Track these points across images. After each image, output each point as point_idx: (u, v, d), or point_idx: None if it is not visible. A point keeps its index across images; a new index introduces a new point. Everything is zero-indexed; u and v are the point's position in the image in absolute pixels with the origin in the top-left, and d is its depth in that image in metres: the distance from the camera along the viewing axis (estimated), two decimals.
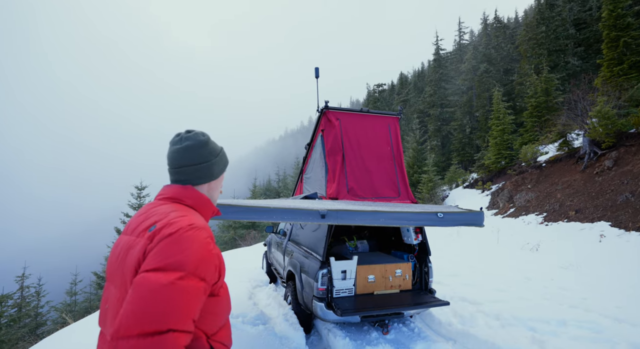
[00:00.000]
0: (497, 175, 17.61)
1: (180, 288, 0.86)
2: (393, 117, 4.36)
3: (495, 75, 26.92)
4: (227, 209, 2.07)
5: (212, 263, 0.97)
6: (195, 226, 0.97)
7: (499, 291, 5.01)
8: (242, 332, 3.43)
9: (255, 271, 6.89)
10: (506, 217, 12.60)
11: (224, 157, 1.25)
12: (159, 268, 0.87)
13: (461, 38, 40.14)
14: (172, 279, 0.86)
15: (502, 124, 18.72)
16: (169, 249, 0.90)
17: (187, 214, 1.03)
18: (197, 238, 0.94)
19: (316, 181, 4.47)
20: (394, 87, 49.75)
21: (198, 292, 0.90)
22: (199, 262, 0.92)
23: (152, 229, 0.96)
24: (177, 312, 0.84)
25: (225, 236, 18.82)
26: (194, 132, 1.19)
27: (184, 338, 0.85)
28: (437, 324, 3.91)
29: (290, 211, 2.23)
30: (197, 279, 0.91)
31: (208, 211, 1.17)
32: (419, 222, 2.51)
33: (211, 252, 0.97)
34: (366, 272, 3.74)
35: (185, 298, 0.87)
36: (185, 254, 0.90)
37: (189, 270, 0.89)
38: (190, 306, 0.88)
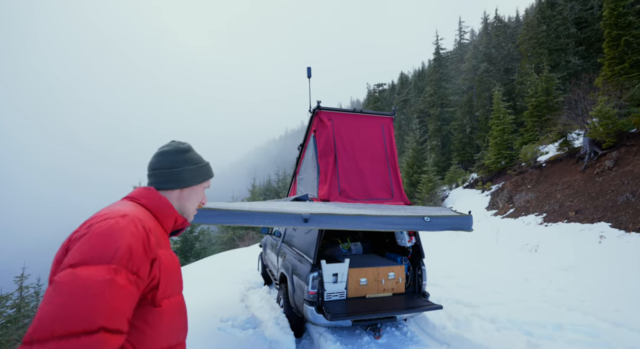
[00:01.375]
0: (497, 175, 17.52)
1: (110, 281, 0.76)
2: (387, 117, 4.29)
3: (495, 75, 26.80)
4: (208, 212, 2.01)
5: (148, 254, 0.87)
6: (128, 217, 0.87)
7: (496, 293, 4.94)
8: (230, 336, 3.36)
9: (250, 273, 6.84)
10: (506, 217, 12.51)
11: (202, 169, 1.19)
12: (83, 260, 0.77)
13: (461, 37, 40.01)
14: (101, 271, 0.76)
15: (502, 124, 18.61)
16: (96, 240, 0.80)
17: (127, 208, 0.95)
18: (130, 228, 0.85)
19: (308, 182, 4.41)
20: (394, 87, 49.64)
21: (130, 287, 0.80)
22: (130, 252, 0.81)
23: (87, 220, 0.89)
24: (108, 308, 0.74)
25: (224, 237, 18.78)
26: (177, 141, 1.20)
27: (116, 340, 0.75)
28: (431, 328, 3.85)
29: (272, 215, 2.17)
30: (128, 272, 0.80)
31: (167, 217, 1.07)
32: (405, 227, 2.44)
33: (144, 242, 0.86)
34: (358, 275, 3.67)
35: (117, 293, 0.76)
36: (114, 244, 0.80)
37: (119, 262, 0.79)
38: (122, 303, 0.77)
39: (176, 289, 1.02)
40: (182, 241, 15.57)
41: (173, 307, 0.97)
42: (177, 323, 1.00)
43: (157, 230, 0.99)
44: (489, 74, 26.89)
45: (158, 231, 1.00)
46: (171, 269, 0.99)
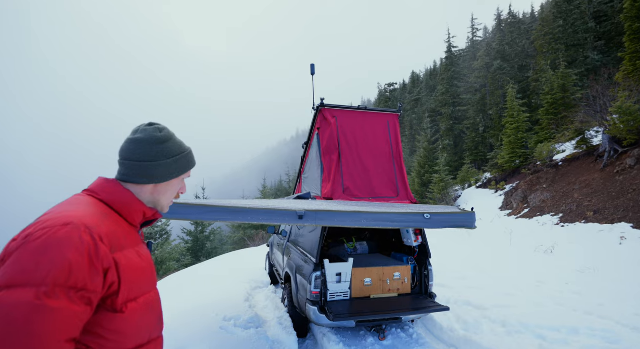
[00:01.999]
0: (511, 175, 17.06)
1: (43, 308, 0.68)
2: (392, 114, 4.20)
3: (509, 72, 26.16)
4: (203, 209, 1.99)
5: (96, 266, 0.77)
6: (71, 225, 0.77)
7: (508, 295, 4.76)
8: (232, 336, 3.34)
9: (258, 273, 6.83)
10: (520, 217, 12.15)
11: (181, 161, 1.06)
12: (13, 284, 0.68)
13: (474, 35, 39.24)
14: (31, 297, 0.68)
15: (516, 122, 18.12)
16: (29, 258, 0.70)
17: (77, 209, 0.85)
18: (72, 239, 0.75)
19: (313, 180, 4.36)
20: (405, 86, 49.13)
21: (70, 306, 0.72)
22: (70, 268, 0.73)
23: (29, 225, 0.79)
24: (37, 340, 0.67)
25: (235, 236, 18.94)
26: (154, 126, 1.04)
27: None
28: (439, 330, 3.73)
29: (266, 212, 2.13)
30: (68, 290, 0.72)
31: (133, 212, 0.98)
32: (404, 224, 2.36)
33: (90, 256, 0.77)
34: (362, 275, 3.60)
35: (51, 320, 0.69)
36: (48, 262, 0.71)
37: (52, 282, 0.70)
38: (58, 329, 0.70)
39: (145, 288, 0.95)
40: (193, 241, 15.76)
41: (141, 308, 0.91)
42: (147, 321, 0.94)
43: (117, 231, 0.90)
44: (502, 71, 26.26)
45: (119, 230, 0.91)
46: (136, 270, 0.91)
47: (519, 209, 12.94)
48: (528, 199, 13.23)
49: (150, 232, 13.33)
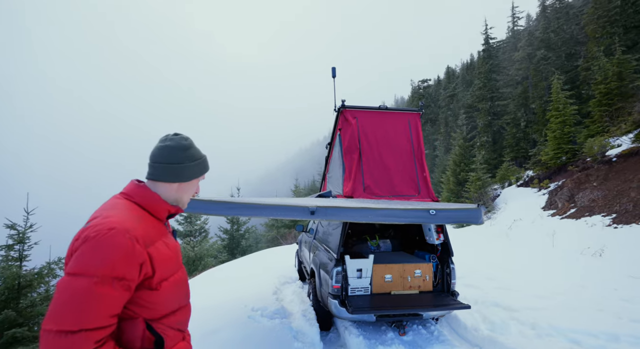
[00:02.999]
0: (556, 172, 15.86)
1: (94, 293, 0.94)
2: (414, 113, 4.21)
3: (554, 62, 24.25)
4: (223, 205, 2.21)
5: (133, 264, 1.02)
6: (115, 230, 1.01)
7: (541, 298, 4.54)
8: (258, 324, 3.58)
9: (287, 269, 7.10)
10: (565, 218, 11.30)
11: (201, 164, 1.30)
12: (76, 273, 0.96)
13: (515, 24, 36.88)
14: (87, 284, 0.94)
15: (562, 116, 16.80)
16: (86, 255, 0.97)
17: (119, 214, 1.09)
18: (114, 242, 0.99)
19: (335, 179, 4.49)
20: (440, 82, 47.40)
21: (112, 292, 0.98)
22: (113, 265, 0.97)
23: (87, 225, 1.04)
24: (88, 313, 0.93)
25: (268, 235, 19.57)
26: (180, 136, 1.28)
27: (96, 334, 0.94)
28: (463, 329, 3.69)
29: (281, 208, 2.30)
30: (112, 281, 0.97)
31: (159, 209, 1.21)
32: (409, 219, 2.41)
33: (129, 255, 1.01)
34: (383, 271, 3.66)
35: (97, 300, 0.95)
36: (98, 259, 0.97)
37: (101, 274, 0.96)
38: (102, 307, 0.96)
39: (173, 270, 1.19)
40: (229, 239, 16.57)
41: (171, 285, 1.16)
42: (176, 294, 1.20)
43: (148, 228, 1.13)
44: (546, 61, 24.41)
45: (150, 228, 1.14)
46: (165, 257, 1.15)
47: (565, 209, 12.02)
48: (575, 198, 12.24)
49: (191, 230, 14.26)
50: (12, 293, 8.09)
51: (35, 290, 8.65)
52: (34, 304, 8.19)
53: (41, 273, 8.68)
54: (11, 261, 8.42)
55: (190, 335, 1.33)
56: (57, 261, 8.97)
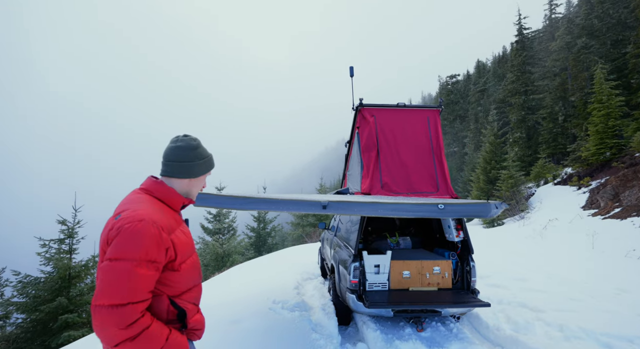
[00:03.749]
0: (599, 169, 14.78)
1: (133, 273, 1.14)
2: (433, 110, 4.17)
3: (598, 51, 22.52)
4: (240, 200, 2.36)
5: (161, 249, 1.22)
6: (144, 221, 1.19)
7: (573, 301, 4.33)
8: (279, 316, 3.74)
9: (310, 266, 7.25)
10: (608, 218, 10.52)
11: (208, 162, 1.48)
12: (117, 258, 1.15)
13: (552, 12, 34.67)
14: (128, 267, 1.14)
15: (606, 108, 15.62)
16: (122, 243, 1.16)
17: (143, 207, 1.26)
18: (145, 232, 1.18)
19: (354, 177, 4.56)
20: (469, 76, 45.59)
21: (148, 272, 1.18)
22: (146, 250, 1.17)
23: (117, 218, 1.22)
24: (132, 289, 1.14)
25: (294, 233, 19.90)
26: (189, 137, 1.46)
27: (140, 306, 1.16)
28: (485, 328, 3.62)
29: (295, 202, 2.41)
30: (146, 263, 1.17)
31: (175, 202, 1.41)
32: (418, 213, 2.42)
33: (158, 241, 1.20)
34: (401, 267, 3.68)
35: (138, 279, 1.15)
36: (134, 246, 1.16)
37: (138, 258, 1.16)
38: (142, 284, 1.16)
39: (189, 253, 1.39)
40: (256, 237, 17.08)
41: (188, 266, 1.37)
42: (192, 274, 1.40)
43: (169, 219, 1.32)
44: (588, 50, 22.73)
45: (170, 218, 1.33)
46: (184, 243, 1.35)
47: (608, 209, 11.19)
48: (620, 197, 11.35)
49: (219, 228, 14.86)
50: (64, 283, 8.93)
51: (83, 281, 9.48)
52: (82, 293, 8.98)
53: (87, 265, 9.50)
54: (62, 254, 9.30)
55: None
56: None
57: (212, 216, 15.12)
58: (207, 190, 2.10)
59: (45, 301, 8.47)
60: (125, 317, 1.11)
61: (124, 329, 1.11)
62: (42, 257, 9.07)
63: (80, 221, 9.83)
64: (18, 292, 8.69)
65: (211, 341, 2.95)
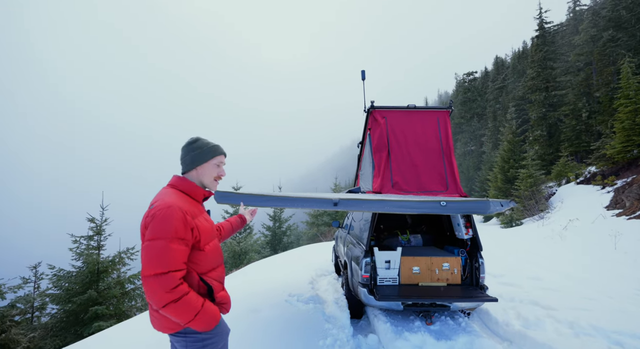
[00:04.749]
0: (625, 167, 14.23)
1: (168, 248, 1.42)
2: (443, 111, 4.27)
3: (625, 44, 21.58)
4: (257, 198, 2.57)
5: (187, 228, 1.49)
6: (172, 207, 1.48)
7: (588, 300, 4.31)
8: (294, 307, 3.95)
9: (325, 263, 7.44)
10: (633, 218, 10.17)
11: (206, 151, 1.71)
12: (154, 238, 1.43)
13: (576, 4, 33.41)
14: (164, 243, 1.42)
15: (633, 104, 15.00)
16: (156, 226, 1.44)
17: (171, 198, 1.54)
18: (175, 214, 1.46)
19: (366, 177, 4.71)
20: (487, 74, 44.47)
21: (180, 247, 1.46)
22: (176, 230, 1.45)
23: (151, 208, 1.50)
24: (170, 260, 1.42)
25: (309, 232, 20.16)
26: (190, 138, 1.77)
27: (179, 274, 1.44)
28: (494, 324, 3.70)
29: (307, 200, 2.60)
30: (177, 240, 1.45)
31: (197, 193, 1.69)
32: (421, 210, 2.55)
33: (184, 222, 1.48)
34: (411, 263, 3.82)
35: (172, 252, 1.43)
36: (166, 227, 1.44)
37: (170, 236, 1.43)
38: (177, 256, 1.44)
39: (212, 237, 1.67)
40: (272, 235, 17.44)
41: (211, 248, 1.65)
42: (215, 255, 1.68)
43: (191, 206, 1.58)
44: (615, 43, 21.82)
45: (192, 206, 1.59)
46: (206, 228, 1.63)
47: (633, 209, 10.80)
48: None
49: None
50: (93, 277, 9.52)
51: (110, 276, 10.05)
52: (109, 287, 9.53)
53: (114, 261, 10.06)
54: (91, 250, 9.90)
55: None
56: (126, 251, 10.34)
57: (229, 215, 15.58)
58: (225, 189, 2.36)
59: (77, 293, 9.06)
60: (168, 282, 1.38)
61: (168, 292, 1.38)
62: (73, 252, 9.69)
63: (107, 219, 10.41)
64: (53, 284, 9.33)
65: (236, 326, 3.23)
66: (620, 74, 16.92)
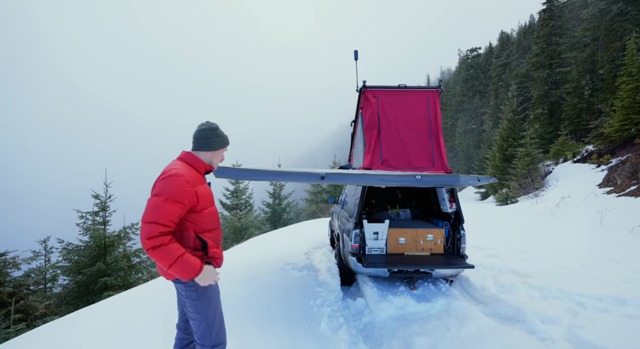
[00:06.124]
0: (621, 146, 14.35)
1: (162, 204, 1.71)
2: (432, 91, 4.40)
3: (635, 18, 20.91)
4: (251, 172, 2.77)
5: (187, 194, 1.76)
6: (177, 174, 1.77)
7: (562, 268, 4.64)
8: (289, 274, 4.29)
9: (321, 237, 7.81)
10: (623, 196, 10.44)
11: (224, 140, 2.02)
12: (155, 194, 1.74)
13: None
14: (159, 200, 1.72)
15: (635, 81, 14.83)
16: (161, 185, 1.75)
17: (179, 167, 1.84)
18: (176, 180, 1.75)
19: (358, 154, 4.91)
20: (492, 50, 43.31)
21: (172, 207, 1.72)
22: (171, 192, 1.73)
23: (161, 173, 1.82)
24: (157, 214, 1.69)
25: (308, 209, 20.63)
26: (210, 122, 2.03)
27: (159, 227, 1.68)
28: (473, 289, 4.04)
29: (298, 174, 2.81)
30: (171, 201, 1.72)
31: (199, 166, 1.96)
32: (399, 183, 2.77)
33: (184, 188, 1.75)
34: (398, 235, 4.10)
35: (162, 210, 1.70)
36: (165, 189, 1.73)
37: (168, 196, 1.72)
38: (165, 213, 1.70)
39: (209, 204, 1.94)
40: (272, 212, 17.89)
41: (209, 212, 1.93)
42: (212, 219, 1.96)
43: (194, 176, 1.85)
44: (623, 17, 21.15)
45: (195, 176, 1.87)
46: (205, 195, 1.90)
47: (624, 186, 11.04)
48: (639, 175, 11.14)
49: (237, 204, 15.67)
50: (101, 250, 9.97)
51: (116, 249, 10.51)
52: (116, 260, 10.00)
53: (120, 236, 10.48)
54: (98, 225, 10.30)
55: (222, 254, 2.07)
56: (130, 226, 10.75)
57: (230, 193, 15.92)
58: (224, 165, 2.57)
59: (86, 265, 9.54)
60: (150, 231, 1.66)
61: (148, 239, 1.66)
62: (80, 227, 10.09)
63: (111, 195, 10.73)
64: (63, 257, 9.80)
65: (238, 290, 3.60)
66: (626, 50, 16.58)
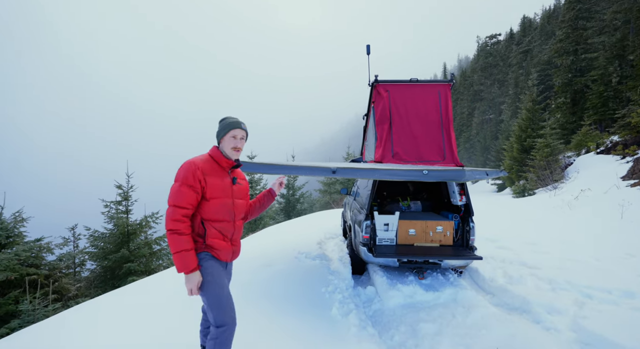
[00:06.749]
0: None
1: (179, 189, 1.94)
2: (444, 84, 4.40)
3: None
4: (266, 166, 2.93)
5: (195, 178, 1.95)
6: (190, 161, 2.00)
7: (573, 261, 4.64)
8: (302, 262, 4.50)
9: (334, 228, 7.98)
10: None
11: (226, 126, 2.11)
12: (175, 181, 1.98)
13: None
14: (177, 185, 1.95)
15: None
16: (178, 172, 1.99)
17: (197, 157, 2.07)
18: (188, 167, 1.97)
19: (370, 147, 4.99)
20: (512, 36, 41.54)
21: (188, 191, 1.94)
22: (185, 177, 1.94)
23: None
24: (177, 197, 1.92)
25: (322, 200, 20.87)
26: (223, 117, 2.21)
27: (179, 210, 1.91)
28: (481, 280, 4.12)
29: (309, 168, 2.94)
30: (186, 185, 1.94)
31: (221, 161, 2.12)
32: (407, 177, 2.86)
33: (193, 173, 1.95)
34: (408, 226, 4.21)
35: (181, 193, 1.93)
36: (180, 175, 1.95)
37: (183, 181, 1.94)
38: (183, 197, 1.92)
39: (221, 194, 2.06)
40: (286, 203, 18.22)
41: (218, 202, 2.05)
42: (221, 210, 2.06)
43: (210, 168, 2.03)
44: None
45: (212, 168, 2.04)
46: (216, 185, 2.03)
47: None
48: None
49: (252, 194, 16.06)
50: (124, 238, 10.54)
51: (138, 237, 11.07)
52: (139, 247, 10.56)
53: (141, 224, 11.02)
54: (121, 214, 10.86)
55: (240, 246, 2.24)
56: (151, 215, 11.28)
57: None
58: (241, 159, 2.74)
59: (111, 252, 10.13)
60: (173, 213, 1.89)
61: (170, 221, 1.88)
62: (105, 216, 10.68)
63: (133, 186, 11.25)
64: (90, 244, 10.44)
65: (254, 277, 3.85)
66: None
